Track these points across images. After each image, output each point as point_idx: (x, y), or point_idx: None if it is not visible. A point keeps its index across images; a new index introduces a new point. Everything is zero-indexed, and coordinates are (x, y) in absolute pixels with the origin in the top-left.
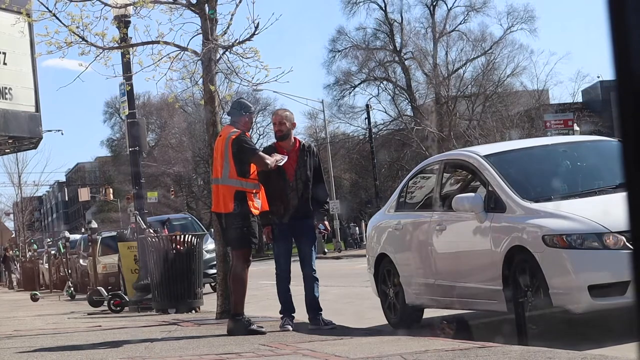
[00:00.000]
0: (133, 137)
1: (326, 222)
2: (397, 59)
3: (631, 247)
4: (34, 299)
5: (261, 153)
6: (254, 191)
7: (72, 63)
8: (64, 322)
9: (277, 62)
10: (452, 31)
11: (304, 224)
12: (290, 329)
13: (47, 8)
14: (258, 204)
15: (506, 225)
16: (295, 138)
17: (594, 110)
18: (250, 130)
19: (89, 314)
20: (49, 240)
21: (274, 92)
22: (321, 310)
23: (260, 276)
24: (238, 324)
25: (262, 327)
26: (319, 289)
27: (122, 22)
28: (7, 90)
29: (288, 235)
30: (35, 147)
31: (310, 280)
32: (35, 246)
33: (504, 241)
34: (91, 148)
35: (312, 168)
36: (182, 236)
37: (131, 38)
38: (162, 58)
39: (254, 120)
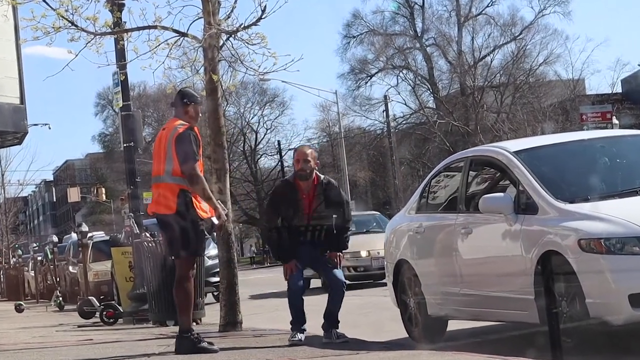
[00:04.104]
0: (128, 132)
1: (340, 255)
2: (418, 45)
3: None
4: (19, 309)
5: (198, 170)
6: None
7: (61, 50)
8: (52, 335)
9: (286, 49)
10: (479, 15)
11: (322, 255)
12: (301, 341)
13: None
14: (205, 206)
15: (538, 228)
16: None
17: (635, 102)
18: (197, 122)
19: (79, 326)
20: (35, 245)
21: (283, 82)
22: (339, 322)
23: (267, 285)
24: (186, 341)
25: (212, 343)
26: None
27: (116, 5)
28: None
29: (302, 256)
30: (19, 143)
31: (338, 290)
32: (20, 252)
33: (536, 246)
34: (81, 144)
35: (332, 204)
36: None
37: (125, 23)
38: (159, 44)
39: (200, 113)
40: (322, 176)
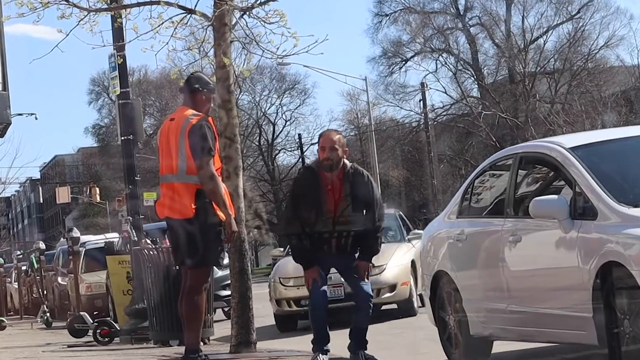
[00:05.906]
0: (126, 123)
1: (369, 266)
2: (460, 25)
3: None
4: (0, 327)
5: (212, 168)
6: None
7: (49, 30)
8: (38, 356)
9: (309, 29)
10: None
11: (350, 258)
12: None
13: None
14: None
15: (598, 236)
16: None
17: None
18: (208, 113)
19: (69, 346)
20: (19, 252)
21: (305, 66)
22: (367, 342)
23: None
24: None
25: None
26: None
27: None
28: None
29: (325, 264)
30: (2, 136)
31: (365, 304)
32: (1, 260)
33: (594, 256)
34: (73, 137)
35: (360, 197)
36: None
37: None
38: (163, 23)
39: (213, 104)
40: (348, 164)
